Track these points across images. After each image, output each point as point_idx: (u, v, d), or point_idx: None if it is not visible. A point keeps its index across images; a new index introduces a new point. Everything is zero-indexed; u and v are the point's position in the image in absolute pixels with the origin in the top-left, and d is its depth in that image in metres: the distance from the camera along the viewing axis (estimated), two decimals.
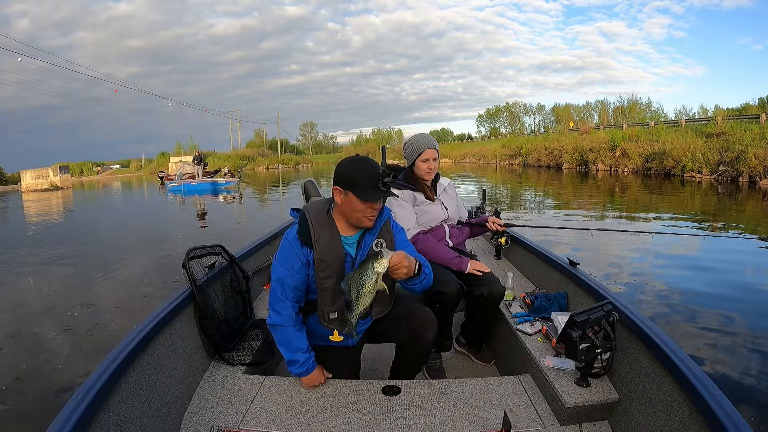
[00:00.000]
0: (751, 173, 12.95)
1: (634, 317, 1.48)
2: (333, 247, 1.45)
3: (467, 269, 1.98)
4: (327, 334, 1.55)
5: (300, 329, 1.52)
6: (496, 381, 1.61)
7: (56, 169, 26.55)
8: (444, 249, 2.04)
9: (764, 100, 22.84)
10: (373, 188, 1.39)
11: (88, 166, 48.69)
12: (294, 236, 1.46)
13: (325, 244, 1.45)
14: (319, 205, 1.51)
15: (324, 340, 1.57)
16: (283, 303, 1.48)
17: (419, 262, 1.46)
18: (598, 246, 5.79)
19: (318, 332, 1.57)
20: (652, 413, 1.27)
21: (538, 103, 67.66)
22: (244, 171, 30.59)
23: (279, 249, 1.50)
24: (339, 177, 1.42)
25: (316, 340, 1.59)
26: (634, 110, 42.32)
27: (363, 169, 1.40)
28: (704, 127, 17.78)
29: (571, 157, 22.21)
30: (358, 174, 1.39)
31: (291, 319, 1.49)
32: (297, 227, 1.48)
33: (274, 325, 1.51)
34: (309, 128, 79.05)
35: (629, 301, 1.94)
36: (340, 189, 1.41)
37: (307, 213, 1.48)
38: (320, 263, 1.45)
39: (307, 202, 3.77)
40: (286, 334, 1.50)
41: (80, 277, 5.32)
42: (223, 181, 18.70)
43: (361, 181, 1.38)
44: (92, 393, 1.11)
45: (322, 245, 1.44)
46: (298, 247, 1.46)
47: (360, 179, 1.39)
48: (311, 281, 1.49)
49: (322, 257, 1.44)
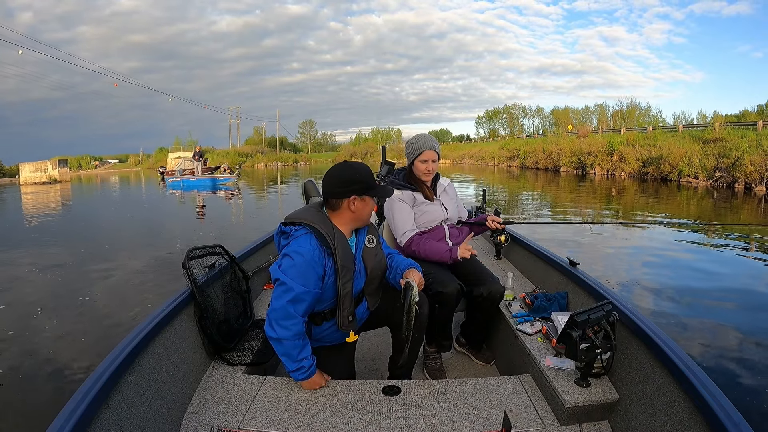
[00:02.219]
0: (746, 179, 13.05)
1: (634, 317, 1.48)
2: (348, 252, 1.48)
3: (457, 255, 1.93)
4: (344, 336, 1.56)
5: (304, 340, 1.49)
6: (496, 381, 1.61)
7: (55, 163, 26.33)
8: (435, 245, 2.00)
9: (763, 107, 23.00)
10: (383, 185, 1.55)
11: (86, 160, 48.48)
12: (313, 249, 1.40)
13: (343, 250, 1.46)
14: (315, 216, 1.47)
15: (319, 342, 1.59)
16: (294, 319, 1.41)
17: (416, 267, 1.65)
18: (599, 246, 5.83)
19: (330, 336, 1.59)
20: (652, 413, 1.28)
21: (537, 106, 67.76)
22: (243, 168, 30.54)
23: (290, 267, 1.39)
24: (355, 185, 1.46)
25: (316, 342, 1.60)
26: (633, 115, 42.45)
27: (368, 173, 1.51)
28: (701, 133, 17.90)
29: (569, 161, 22.28)
30: (368, 177, 1.50)
31: (299, 335, 1.45)
32: (313, 241, 1.41)
33: (279, 340, 1.43)
34: (308, 126, 78.96)
35: (629, 301, 1.96)
36: (357, 197, 1.47)
37: (316, 226, 1.43)
38: (343, 269, 1.45)
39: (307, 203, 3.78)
40: (291, 347, 1.45)
41: (80, 276, 5.28)
42: (222, 177, 18.75)
43: (373, 182, 1.51)
44: (92, 393, 1.10)
45: (341, 252, 1.45)
46: (322, 259, 1.41)
47: (372, 181, 1.51)
48: (327, 290, 1.46)
49: (343, 263, 1.45)
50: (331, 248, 1.42)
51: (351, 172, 1.48)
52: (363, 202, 1.48)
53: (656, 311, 3.47)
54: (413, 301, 1.48)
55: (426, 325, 1.70)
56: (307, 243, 1.40)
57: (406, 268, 1.61)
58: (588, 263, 4.56)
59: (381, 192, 1.53)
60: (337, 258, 1.43)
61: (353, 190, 1.45)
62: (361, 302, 1.59)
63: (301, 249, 1.39)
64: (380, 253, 1.62)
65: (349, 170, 1.49)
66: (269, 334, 1.45)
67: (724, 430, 1.00)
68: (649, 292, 3.94)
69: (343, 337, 1.58)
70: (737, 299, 3.75)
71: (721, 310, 3.50)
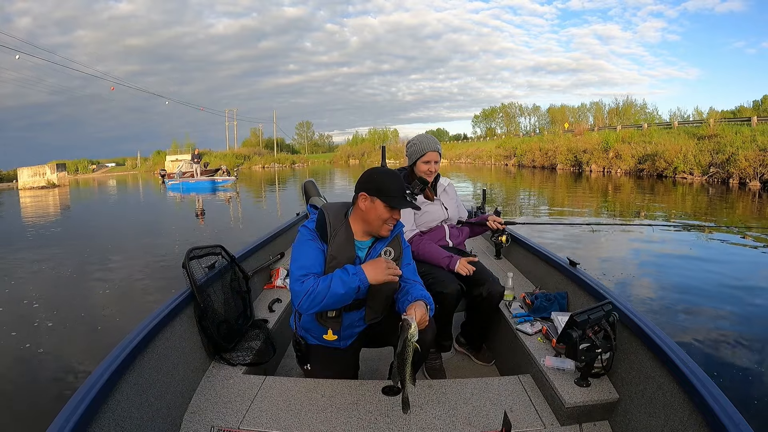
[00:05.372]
0: (741, 175, 13.14)
1: (634, 317, 1.49)
2: (347, 248, 1.47)
3: (455, 268, 1.96)
4: (322, 332, 1.54)
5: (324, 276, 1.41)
6: (496, 381, 1.61)
7: (53, 167, 26.36)
8: (435, 249, 2.02)
9: (758, 102, 23.13)
10: (400, 197, 1.46)
11: (84, 164, 48.38)
12: (312, 228, 1.50)
13: (340, 243, 1.47)
14: (337, 207, 1.55)
15: (319, 339, 1.58)
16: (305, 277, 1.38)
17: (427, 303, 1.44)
18: (599, 246, 5.85)
19: (313, 330, 1.57)
20: (652, 413, 1.28)
21: (533, 104, 67.92)
22: (241, 170, 30.54)
23: (297, 239, 1.51)
24: (367, 183, 1.47)
25: (311, 338, 1.60)
26: (629, 112, 42.64)
27: (392, 179, 1.48)
28: (696, 130, 18.00)
29: (565, 158, 22.36)
30: (388, 182, 1.46)
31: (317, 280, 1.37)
32: (315, 222, 1.50)
33: (306, 292, 1.34)
34: (305, 128, 78.83)
35: (629, 301, 1.96)
36: (367, 195, 1.46)
37: (326, 212, 1.51)
38: (332, 260, 1.46)
39: (308, 202, 3.78)
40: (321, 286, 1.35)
41: (80, 277, 5.27)
42: (221, 179, 18.80)
43: (390, 189, 1.45)
44: (92, 393, 1.10)
45: (337, 243, 1.47)
46: (317, 238, 1.48)
47: (389, 187, 1.45)
48: None
49: (335, 255, 1.46)
50: (327, 236, 1.46)
51: (373, 173, 1.51)
52: (371, 203, 1.46)
53: (656, 311, 3.48)
54: (409, 342, 1.26)
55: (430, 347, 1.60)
56: (311, 222, 1.51)
57: (414, 300, 1.42)
58: (588, 263, 4.59)
59: (394, 202, 1.44)
60: (330, 247, 1.46)
61: (366, 188, 1.46)
62: (359, 309, 1.54)
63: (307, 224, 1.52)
64: None
65: (374, 171, 1.52)
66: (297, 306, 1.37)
67: (724, 430, 1.00)
68: (649, 292, 3.95)
69: (321, 333, 1.55)
70: (737, 299, 3.75)
71: (721, 310, 3.50)
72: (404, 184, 1.49)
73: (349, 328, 1.58)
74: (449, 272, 1.97)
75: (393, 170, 1.53)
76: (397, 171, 2.28)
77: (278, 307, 2.24)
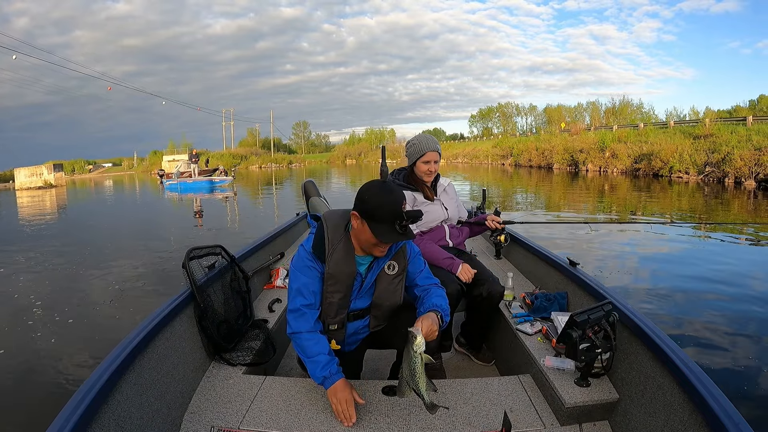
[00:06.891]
0: (736, 174, 13.23)
1: (634, 317, 1.49)
2: (346, 265, 1.43)
3: (457, 272, 1.96)
4: None
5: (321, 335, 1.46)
6: (496, 381, 1.61)
7: (50, 167, 26.37)
8: (437, 250, 2.03)
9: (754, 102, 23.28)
10: (389, 228, 1.33)
11: (80, 164, 48.18)
12: (309, 250, 1.45)
13: (339, 261, 1.42)
14: (337, 219, 1.46)
15: None
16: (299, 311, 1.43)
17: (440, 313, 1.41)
18: (598, 246, 5.86)
19: None
20: (652, 413, 1.28)
21: (530, 104, 68.04)
22: (238, 170, 30.50)
23: (295, 258, 1.48)
24: (362, 204, 1.36)
25: None
26: (626, 112, 42.81)
27: (387, 205, 1.33)
28: (692, 129, 18.11)
29: (562, 158, 22.43)
30: (381, 210, 1.32)
31: (309, 324, 1.43)
32: (312, 241, 1.45)
33: (294, 333, 1.43)
34: (302, 127, 78.69)
35: (629, 300, 1.96)
36: (358, 216, 1.37)
37: (326, 226, 1.44)
38: (330, 278, 1.43)
39: (308, 203, 3.76)
40: (305, 341, 1.42)
41: (80, 277, 5.25)
42: (218, 179, 18.79)
43: (381, 217, 1.32)
44: (92, 393, 1.10)
45: (335, 261, 1.42)
46: (314, 259, 1.44)
47: (381, 215, 1.32)
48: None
49: (333, 273, 1.43)
50: (325, 254, 1.41)
51: (372, 192, 1.37)
52: (362, 225, 1.36)
53: (656, 311, 3.48)
54: (416, 354, 1.24)
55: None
56: (309, 241, 1.46)
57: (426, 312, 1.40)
58: (588, 263, 4.60)
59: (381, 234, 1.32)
60: (328, 266, 1.42)
61: (360, 209, 1.36)
62: (363, 318, 1.55)
63: (306, 244, 1.47)
64: (396, 283, 1.52)
65: (372, 191, 1.37)
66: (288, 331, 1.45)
67: (724, 430, 1.00)
68: (649, 292, 3.95)
69: None
70: (738, 298, 3.76)
71: (721, 310, 3.50)
72: (399, 211, 1.32)
73: (354, 336, 1.58)
74: (449, 272, 1.97)
75: (393, 189, 1.38)
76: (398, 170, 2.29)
77: (278, 307, 2.23)
